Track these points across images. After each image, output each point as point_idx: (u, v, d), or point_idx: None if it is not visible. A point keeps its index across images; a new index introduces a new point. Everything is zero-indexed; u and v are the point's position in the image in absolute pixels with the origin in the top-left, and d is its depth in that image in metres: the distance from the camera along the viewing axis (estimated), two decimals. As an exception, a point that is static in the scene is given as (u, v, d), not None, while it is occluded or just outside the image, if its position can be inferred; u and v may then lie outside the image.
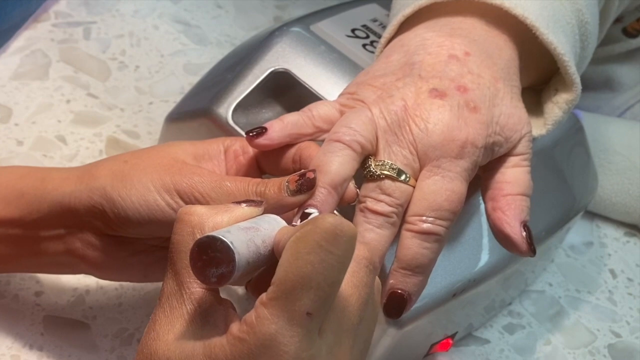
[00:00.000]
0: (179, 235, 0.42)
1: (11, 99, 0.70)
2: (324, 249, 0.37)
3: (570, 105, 0.54)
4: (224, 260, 0.38)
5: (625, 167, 0.74)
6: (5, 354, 0.54)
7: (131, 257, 0.50)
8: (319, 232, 0.37)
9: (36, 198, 0.49)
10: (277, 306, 0.37)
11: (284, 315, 0.37)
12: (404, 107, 0.48)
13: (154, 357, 0.40)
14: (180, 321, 0.40)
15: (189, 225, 0.41)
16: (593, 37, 0.56)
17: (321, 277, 0.37)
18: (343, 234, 0.37)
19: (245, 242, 0.40)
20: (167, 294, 0.41)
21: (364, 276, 0.41)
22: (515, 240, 0.48)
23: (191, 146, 0.50)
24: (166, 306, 0.41)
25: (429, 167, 0.47)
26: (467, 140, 0.48)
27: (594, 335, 0.67)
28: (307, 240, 0.37)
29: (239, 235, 0.40)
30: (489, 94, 0.49)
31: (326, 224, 0.37)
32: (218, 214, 0.42)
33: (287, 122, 0.49)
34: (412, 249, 0.47)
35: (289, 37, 0.60)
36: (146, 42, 0.79)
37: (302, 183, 0.45)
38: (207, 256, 0.38)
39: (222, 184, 0.46)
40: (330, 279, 0.37)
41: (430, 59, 0.50)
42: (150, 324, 0.41)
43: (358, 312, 0.41)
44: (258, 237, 0.41)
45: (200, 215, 0.41)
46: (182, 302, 0.41)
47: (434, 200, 0.47)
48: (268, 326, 0.37)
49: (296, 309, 0.37)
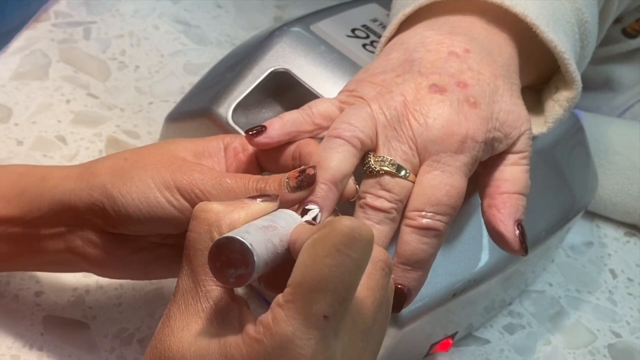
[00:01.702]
0: (195, 233, 0.42)
1: (11, 99, 0.71)
2: (342, 252, 0.37)
3: (571, 103, 0.54)
4: (243, 262, 0.38)
5: (625, 167, 0.74)
6: (5, 354, 0.54)
7: (132, 255, 0.50)
8: (337, 235, 0.37)
9: (36, 196, 0.49)
10: (293, 308, 0.37)
11: (300, 318, 0.37)
12: (404, 102, 0.48)
13: (168, 352, 0.40)
14: (196, 319, 0.40)
15: (206, 223, 0.41)
16: (593, 37, 0.57)
17: (338, 280, 0.37)
18: (360, 237, 0.38)
19: (263, 243, 0.40)
20: (182, 291, 0.41)
21: (379, 279, 0.41)
22: (508, 238, 0.49)
23: (191, 143, 0.50)
24: (181, 302, 0.41)
25: (429, 162, 0.47)
26: (467, 135, 0.48)
27: (594, 335, 0.67)
28: (324, 243, 0.37)
29: (258, 235, 0.40)
30: (489, 90, 0.49)
31: (343, 227, 0.37)
32: (235, 211, 0.42)
33: (286, 120, 0.49)
34: (411, 244, 0.47)
35: (289, 37, 0.60)
36: (146, 42, 0.79)
37: (302, 179, 0.45)
38: (225, 257, 0.38)
39: (222, 180, 0.46)
40: (347, 282, 0.38)
41: (430, 56, 0.50)
42: (165, 319, 0.41)
43: (373, 315, 0.41)
44: (276, 236, 0.41)
45: (217, 213, 0.41)
46: (197, 300, 0.41)
47: (433, 195, 0.47)
48: (285, 328, 0.37)
49: (313, 311, 0.37)
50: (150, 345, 0.42)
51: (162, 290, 0.60)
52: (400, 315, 0.53)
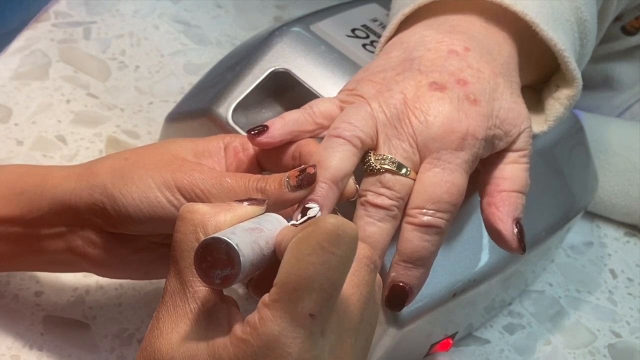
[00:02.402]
0: (181, 234, 0.41)
1: (11, 99, 0.70)
2: (326, 250, 0.37)
3: (571, 101, 0.54)
4: (229, 263, 0.38)
5: (625, 168, 0.74)
6: (5, 354, 0.54)
7: (132, 255, 0.50)
8: (321, 233, 0.37)
9: (36, 196, 0.49)
10: (279, 307, 0.37)
11: (286, 317, 0.37)
12: (404, 100, 0.48)
13: (157, 355, 0.40)
14: (184, 320, 0.40)
15: (192, 223, 0.41)
16: (592, 35, 0.57)
17: (323, 278, 0.37)
18: (345, 234, 0.37)
19: (249, 244, 0.39)
20: (170, 292, 0.41)
21: (365, 275, 0.41)
22: (506, 236, 0.48)
23: (191, 143, 0.50)
24: (169, 304, 0.41)
25: (429, 160, 0.47)
26: (467, 132, 0.48)
27: (594, 335, 0.67)
28: (308, 241, 0.37)
29: (244, 236, 0.40)
30: (489, 88, 0.49)
31: (327, 224, 0.37)
32: (221, 213, 0.42)
33: (288, 120, 0.49)
34: (412, 242, 0.47)
35: (289, 37, 0.60)
36: (146, 42, 0.79)
37: (302, 178, 0.45)
38: (211, 258, 0.38)
39: (222, 180, 0.46)
40: (333, 280, 0.38)
41: (430, 55, 0.50)
42: (154, 321, 0.41)
43: (360, 311, 0.41)
44: (262, 238, 0.41)
45: (203, 214, 0.41)
46: (185, 301, 0.41)
47: (434, 193, 0.47)
48: (271, 327, 0.37)
49: (299, 310, 0.37)
50: (140, 347, 0.41)
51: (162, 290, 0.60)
52: (400, 315, 0.53)
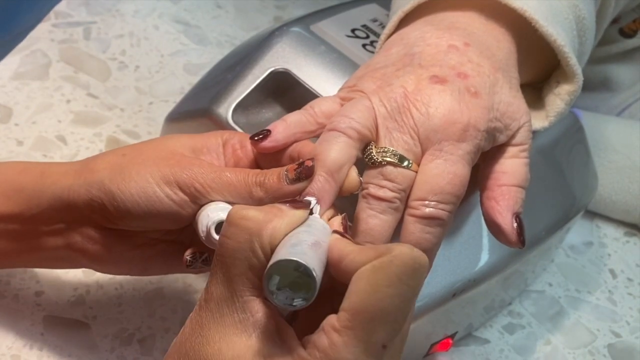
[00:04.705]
0: (234, 242, 0.41)
1: (11, 99, 0.71)
2: (404, 283, 0.37)
3: (572, 96, 0.54)
4: (304, 287, 0.37)
5: (625, 166, 0.74)
6: (5, 354, 0.54)
7: (131, 251, 0.50)
8: (399, 265, 0.37)
9: (35, 193, 0.49)
10: (353, 335, 0.37)
11: (360, 346, 0.37)
12: (404, 93, 0.48)
13: None
14: (234, 330, 0.40)
15: (246, 231, 0.40)
16: (590, 34, 0.57)
17: (399, 311, 0.37)
18: (420, 267, 0.38)
19: (319, 265, 0.38)
20: (216, 300, 0.41)
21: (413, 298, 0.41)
22: (506, 230, 0.48)
23: (189, 139, 0.50)
24: (215, 311, 0.40)
25: (431, 151, 0.47)
26: (469, 123, 0.47)
27: (594, 335, 0.67)
28: (386, 272, 0.37)
29: (313, 255, 0.38)
30: (489, 81, 0.49)
31: (405, 257, 0.38)
32: (275, 219, 0.41)
33: (290, 122, 0.49)
34: (415, 234, 0.47)
35: (289, 37, 0.60)
36: (146, 42, 0.79)
37: (300, 171, 0.45)
38: (282, 279, 0.37)
39: (222, 174, 0.46)
40: (407, 312, 0.38)
41: (430, 50, 0.50)
42: (195, 327, 0.41)
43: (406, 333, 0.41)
44: (323, 254, 0.40)
45: (257, 222, 0.41)
46: (234, 310, 0.40)
47: (437, 184, 0.46)
48: (344, 355, 0.37)
49: (373, 340, 0.37)
50: (176, 351, 0.41)
51: (162, 290, 0.60)
52: (400, 314, 0.52)
